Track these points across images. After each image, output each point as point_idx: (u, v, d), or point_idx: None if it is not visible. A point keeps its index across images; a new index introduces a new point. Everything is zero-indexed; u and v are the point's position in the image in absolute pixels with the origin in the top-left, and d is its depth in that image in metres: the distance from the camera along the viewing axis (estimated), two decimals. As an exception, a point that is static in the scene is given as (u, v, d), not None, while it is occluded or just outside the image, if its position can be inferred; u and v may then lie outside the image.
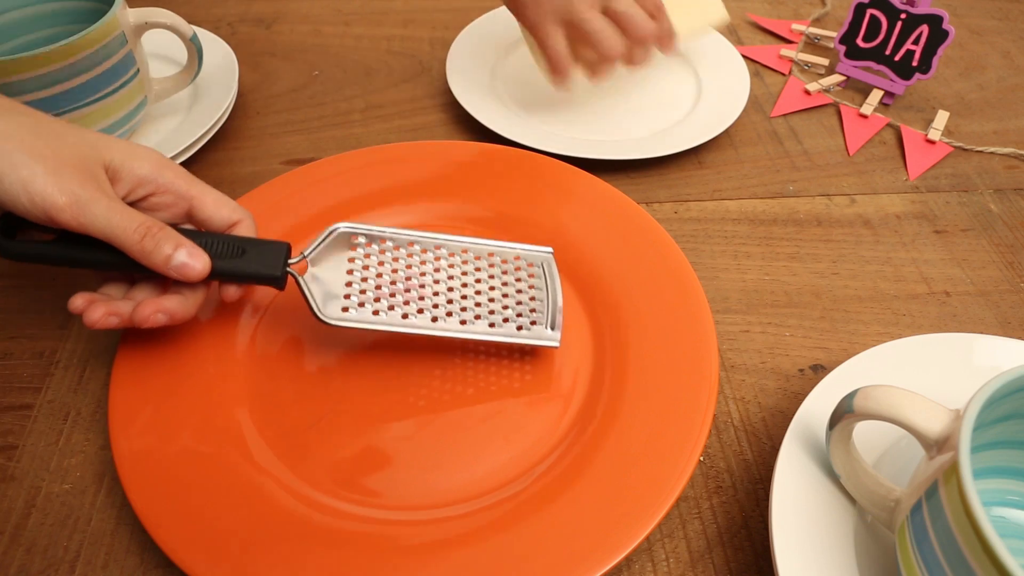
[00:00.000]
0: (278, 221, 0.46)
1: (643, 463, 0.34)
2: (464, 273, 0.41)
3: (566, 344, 0.41)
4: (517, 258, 0.42)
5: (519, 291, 0.41)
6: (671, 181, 0.55)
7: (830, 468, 0.34)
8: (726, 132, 0.59)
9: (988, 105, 0.63)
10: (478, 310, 0.40)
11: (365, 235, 0.40)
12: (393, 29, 0.70)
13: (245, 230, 0.38)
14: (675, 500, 0.33)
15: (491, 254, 0.42)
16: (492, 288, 0.41)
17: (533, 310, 0.40)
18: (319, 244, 0.39)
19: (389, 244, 0.40)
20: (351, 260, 0.40)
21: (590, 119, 0.59)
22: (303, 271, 0.38)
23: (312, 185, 0.48)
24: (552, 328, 0.39)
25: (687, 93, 0.61)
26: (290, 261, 0.38)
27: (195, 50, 0.53)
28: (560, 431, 0.38)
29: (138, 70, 0.52)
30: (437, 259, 0.41)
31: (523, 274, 0.42)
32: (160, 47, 0.60)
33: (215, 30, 0.68)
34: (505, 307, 0.40)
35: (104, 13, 0.48)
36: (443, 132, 0.59)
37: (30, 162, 0.32)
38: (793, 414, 0.36)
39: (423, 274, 0.40)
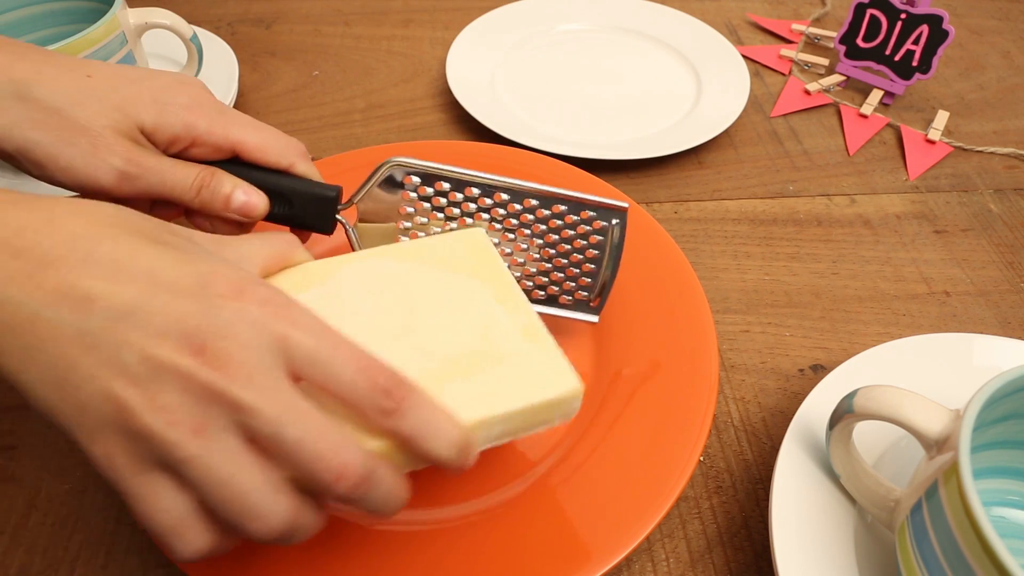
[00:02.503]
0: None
1: (643, 463, 0.34)
2: (522, 231, 0.37)
3: (565, 344, 0.41)
4: (585, 215, 0.37)
5: (577, 257, 0.38)
6: (671, 181, 0.55)
7: (830, 468, 0.34)
8: (726, 132, 0.59)
9: (988, 105, 0.63)
10: (528, 279, 0.38)
11: (420, 174, 0.36)
12: (393, 29, 0.70)
13: (300, 171, 0.36)
14: (675, 500, 0.33)
15: (556, 208, 0.37)
16: (549, 253, 0.38)
17: (583, 280, 0.38)
18: (370, 184, 0.36)
19: (446, 187, 0.36)
20: (403, 205, 0.37)
21: (590, 119, 0.59)
22: (352, 217, 0.37)
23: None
24: (598, 300, 0.38)
25: (687, 93, 0.62)
26: (339, 207, 0.36)
27: (195, 50, 0.53)
28: (560, 431, 0.37)
29: (138, 70, 0.52)
30: (495, 210, 0.37)
31: (585, 239, 0.38)
32: (160, 47, 0.60)
33: (215, 30, 0.68)
34: (559, 277, 0.38)
35: (104, 13, 0.48)
36: (443, 132, 0.59)
37: (66, 151, 0.31)
38: (793, 414, 0.36)
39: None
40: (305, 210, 0.35)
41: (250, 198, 0.34)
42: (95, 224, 0.24)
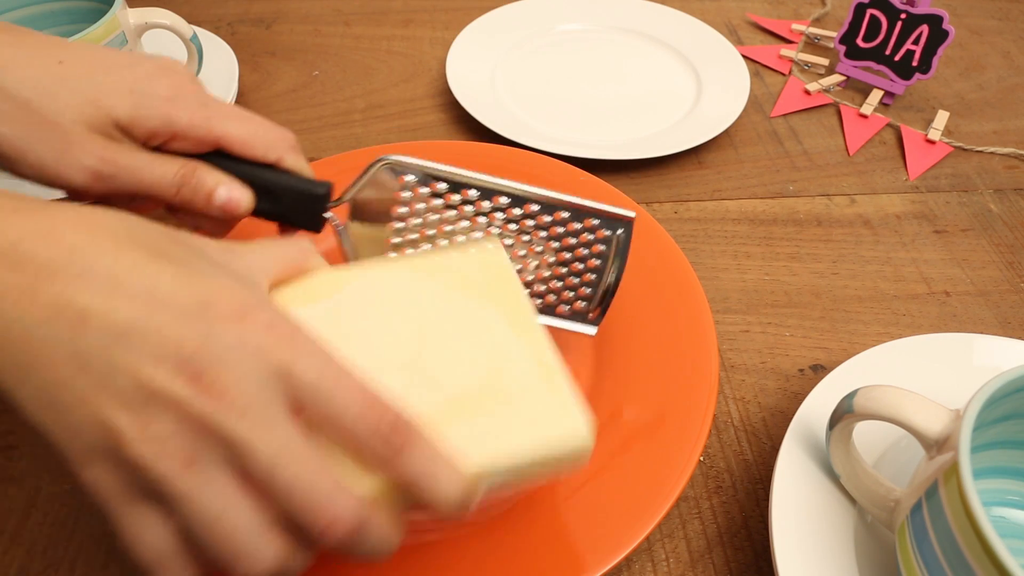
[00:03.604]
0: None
1: (643, 463, 0.34)
2: (521, 236, 0.36)
3: (566, 344, 0.41)
4: (588, 223, 0.35)
5: (578, 267, 0.36)
6: (671, 181, 0.55)
7: (830, 468, 0.34)
8: (726, 132, 0.59)
9: (988, 105, 0.63)
10: (525, 286, 0.36)
11: (415, 173, 0.35)
12: (393, 29, 0.70)
13: (288, 165, 0.34)
14: (675, 500, 0.33)
15: (558, 214, 0.35)
16: (548, 261, 0.36)
17: (583, 290, 0.37)
18: (361, 183, 0.35)
19: (442, 188, 0.35)
20: (395, 205, 0.35)
21: (590, 119, 0.59)
22: (343, 216, 0.35)
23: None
24: (597, 312, 0.37)
25: (687, 93, 0.61)
26: (328, 205, 0.35)
27: (195, 50, 0.53)
28: (560, 431, 0.37)
29: (138, 70, 0.52)
30: (492, 214, 0.35)
31: (588, 248, 0.36)
32: (160, 47, 0.60)
33: (215, 30, 0.68)
34: (557, 286, 0.37)
35: (104, 13, 0.48)
36: (443, 132, 0.59)
37: (36, 147, 0.30)
38: (793, 414, 0.36)
39: (473, 232, 0.35)
40: (292, 207, 0.34)
41: (233, 194, 0.32)
42: (97, 236, 0.23)
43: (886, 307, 0.46)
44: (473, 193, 0.35)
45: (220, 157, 0.33)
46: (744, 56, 0.66)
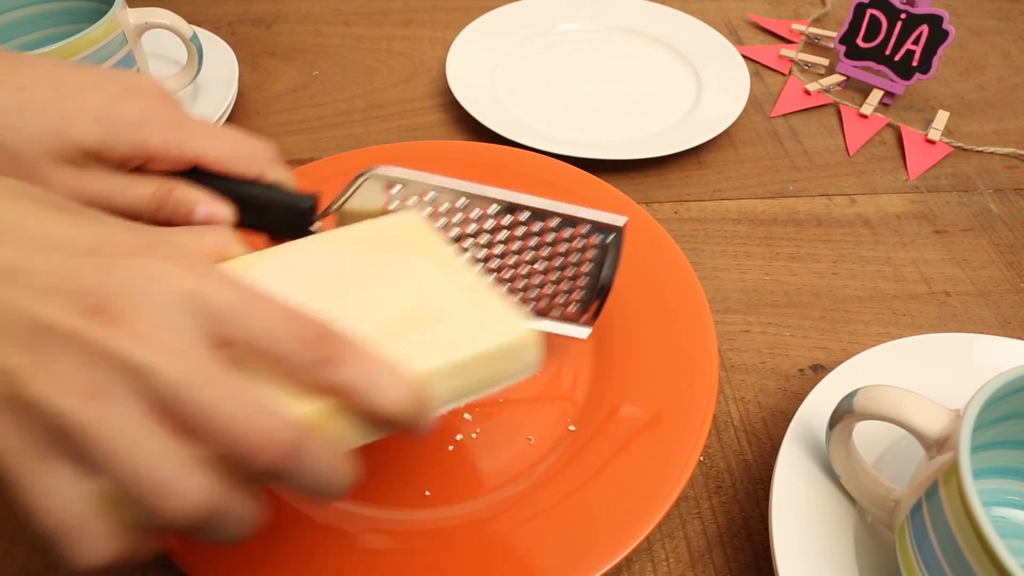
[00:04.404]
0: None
1: (643, 463, 0.34)
2: (512, 244, 0.36)
3: (567, 344, 0.41)
4: (579, 230, 0.35)
5: (569, 273, 0.37)
6: (671, 181, 0.55)
7: (830, 468, 0.34)
8: (726, 132, 0.59)
9: (988, 105, 0.63)
10: (518, 292, 0.37)
11: (404, 184, 0.35)
12: (393, 29, 0.70)
13: (270, 179, 0.34)
14: (675, 500, 0.33)
15: (549, 222, 0.35)
16: (540, 268, 0.36)
17: (574, 295, 0.37)
18: (349, 194, 0.35)
19: (431, 197, 0.35)
20: (384, 216, 0.35)
21: (590, 119, 0.59)
22: (331, 226, 0.35)
23: (312, 185, 0.48)
24: (590, 315, 0.37)
25: (687, 93, 0.62)
26: (314, 218, 0.34)
27: (195, 50, 0.53)
28: (560, 431, 0.38)
29: (138, 70, 0.52)
30: (482, 221, 0.35)
31: (579, 255, 0.36)
32: (160, 47, 0.60)
33: (215, 30, 0.68)
34: (548, 292, 0.37)
35: (104, 13, 0.48)
36: (443, 132, 0.59)
37: None
38: (793, 414, 0.36)
39: (463, 241, 0.36)
40: (278, 220, 0.34)
41: (214, 212, 0.31)
42: None
43: (886, 307, 0.46)
44: (462, 202, 0.35)
45: (201, 173, 0.33)
46: (744, 56, 0.66)
